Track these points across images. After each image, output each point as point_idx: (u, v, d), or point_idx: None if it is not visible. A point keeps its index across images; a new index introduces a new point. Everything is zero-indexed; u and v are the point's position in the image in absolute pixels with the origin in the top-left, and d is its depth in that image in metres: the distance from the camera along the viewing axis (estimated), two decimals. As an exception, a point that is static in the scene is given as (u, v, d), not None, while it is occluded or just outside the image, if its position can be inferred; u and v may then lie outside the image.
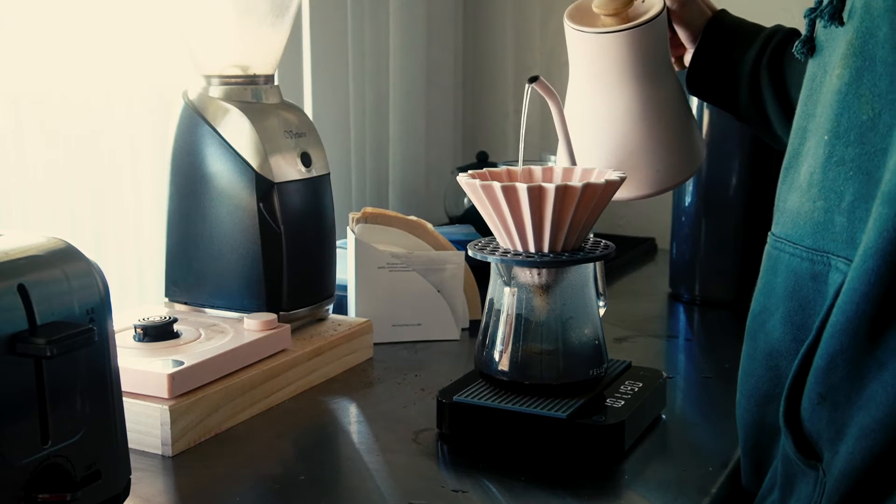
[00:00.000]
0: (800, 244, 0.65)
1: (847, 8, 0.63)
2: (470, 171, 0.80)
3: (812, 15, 0.67)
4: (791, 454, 0.64)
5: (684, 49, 0.96)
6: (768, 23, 0.94)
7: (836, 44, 0.64)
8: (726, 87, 0.94)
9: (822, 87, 0.65)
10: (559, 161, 0.89)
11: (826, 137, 0.63)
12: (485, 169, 0.81)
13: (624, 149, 0.90)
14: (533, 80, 0.85)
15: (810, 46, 0.68)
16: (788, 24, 0.92)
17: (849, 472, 0.59)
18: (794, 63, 0.89)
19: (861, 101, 0.61)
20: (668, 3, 0.91)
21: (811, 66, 0.68)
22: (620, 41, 0.88)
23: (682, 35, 0.95)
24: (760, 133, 0.97)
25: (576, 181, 0.79)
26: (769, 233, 0.70)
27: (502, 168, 0.83)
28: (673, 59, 0.96)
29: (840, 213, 0.62)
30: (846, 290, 0.59)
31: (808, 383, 0.62)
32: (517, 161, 1.60)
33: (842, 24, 0.63)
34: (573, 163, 0.88)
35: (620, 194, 0.91)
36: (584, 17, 0.91)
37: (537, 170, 0.83)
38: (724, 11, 0.94)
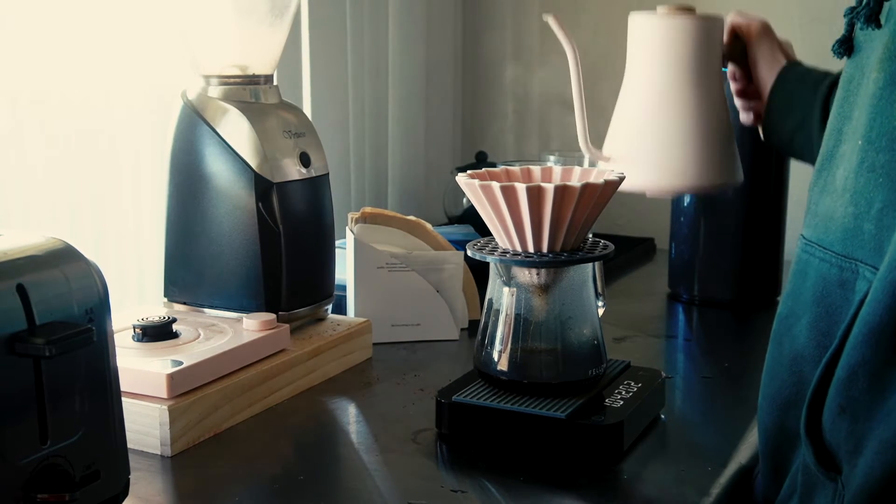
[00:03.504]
0: (830, 249, 0.64)
1: (885, 10, 0.62)
2: (468, 171, 0.80)
3: (851, 15, 0.66)
4: (811, 464, 0.63)
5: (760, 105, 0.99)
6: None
7: (873, 46, 0.63)
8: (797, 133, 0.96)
9: (860, 89, 0.64)
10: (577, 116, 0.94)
11: (860, 142, 0.63)
12: (483, 169, 0.81)
13: (678, 141, 0.95)
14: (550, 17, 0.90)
15: (848, 47, 0.67)
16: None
17: (867, 487, 0.58)
18: None
19: (894, 107, 0.60)
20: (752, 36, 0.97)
21: (849, 67, 0.67)
22: (687, 28, 0.94)
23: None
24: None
25: (575, 181, 0.79)
26: (800, 235, 0.69)
27: (500, 168, 0.83)
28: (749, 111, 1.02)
29: (869, 220, 0.61)
30: (869, 301, 0.58)
31: (829, 394, 0.61)
32: (517, 161, 1.60)
33: (879, 26, 0.62)
34: (583, 129, 0.94)
35: (646, 184, 0.96)
36: None
37: (536, 170, 0.83)
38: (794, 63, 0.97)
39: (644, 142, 0.95)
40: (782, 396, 0.68)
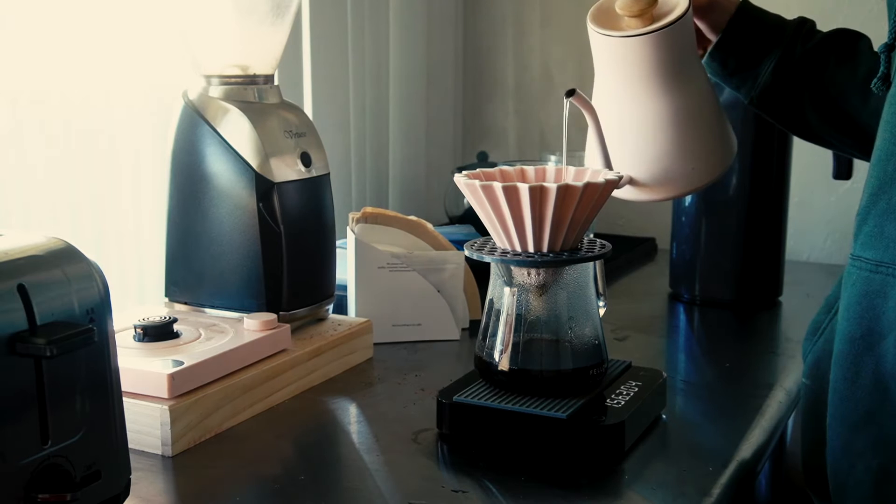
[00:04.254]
0: None
1: None
2: (465, 172, 0.80)
3: (887, 50, 0.67)
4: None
5: (710, 42, 0.94)
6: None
7: None
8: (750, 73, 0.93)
9: None
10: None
11: None
12: (479, 170, 0.81)
13: (658, 151, 0.88)
14: (570, 94, 0.82)
15: (888, 83, 0.68)
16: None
17: None
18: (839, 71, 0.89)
19: None
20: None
21: None
22: (647, 44, 0.84)
23: (706, 30, 0.93)
24: (779, 116, 0.95)
25: (570, 180, 0.79)
26: (856, 257, 0.70)
27: (496, 169, 0.83)
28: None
29: None
30: None
31: None
32: (516, 161, 1.60)
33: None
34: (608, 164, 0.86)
35: (655, 195, 0.91)
36: (608, 18, 0.88)
37: (530, 170, 0.83)
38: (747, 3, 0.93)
39: (648, 159, 0.89)
40: (857, 415, 0.69)
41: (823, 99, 0.90)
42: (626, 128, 0.89)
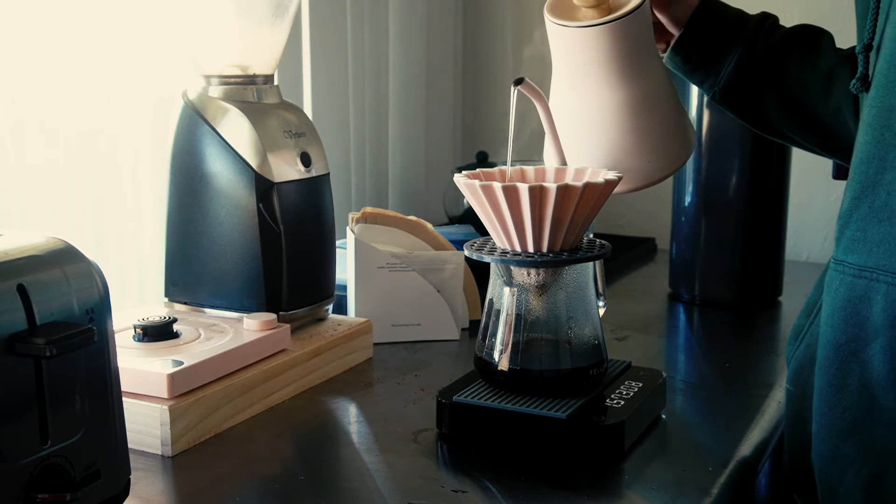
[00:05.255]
0: None
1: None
2: (465, 172, 0.80)
3: (865, 51, 0.67)
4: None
5: (672, 36, 0.93)
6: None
7: None
8: (711, 69, 0.92)
9: None
10: (547, 160, 0.88)
11: None
12: (478, 170, 0.81)
13: (614, 143, 0.88)
14: (518, 82, 0.82)
15: (866, 84, 0.68)
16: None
17: None
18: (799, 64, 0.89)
19: None
20: None
21: (884, 97, 0.67)
22: (603, 34, 0.84)
23: (667, 23, 0.92)
24: (741, 112, 0.94)
25: (570, 180, 0.79)
26: (839, 261, 0.70)
27: (496, 169, 0.83)
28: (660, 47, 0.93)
29: None
30: None
31: None
32: (516, 161, 1.60)
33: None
34: (562, 161, 0.86)
35: (638, 181, 0.90)
36: (565, 9, 0.87)
37: (529, 170, 0.83)
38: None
39: (604, 151, 0.88)
40: (844, 422, 0.69)
41: (785, 95, 0.89)
42: (583, 120, 0.88)
